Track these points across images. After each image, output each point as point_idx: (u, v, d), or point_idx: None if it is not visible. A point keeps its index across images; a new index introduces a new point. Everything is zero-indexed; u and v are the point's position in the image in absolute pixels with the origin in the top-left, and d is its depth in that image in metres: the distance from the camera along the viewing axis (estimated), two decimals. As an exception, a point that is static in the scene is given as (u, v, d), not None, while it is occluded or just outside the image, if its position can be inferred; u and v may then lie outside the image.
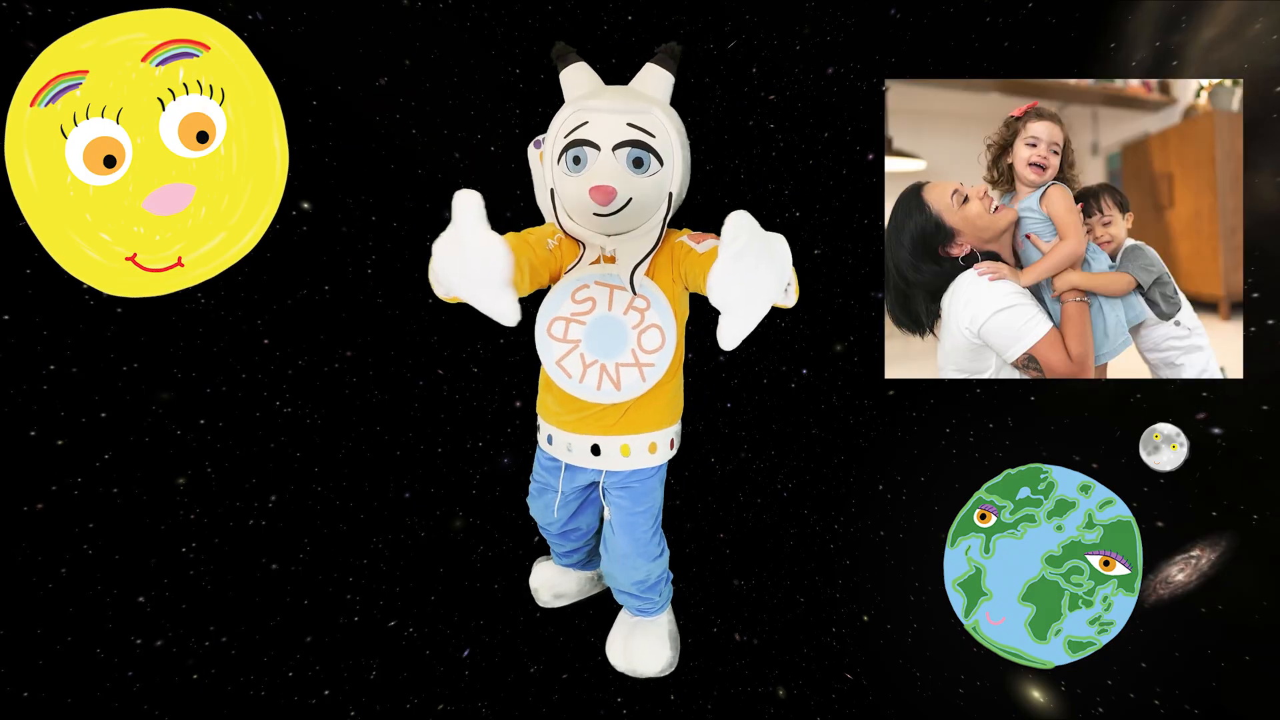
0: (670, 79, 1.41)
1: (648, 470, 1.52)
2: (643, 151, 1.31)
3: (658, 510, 1.59)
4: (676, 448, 1.57)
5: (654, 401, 1.47)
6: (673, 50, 1.41)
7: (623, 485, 1.53)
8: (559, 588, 1.86)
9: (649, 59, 1.41)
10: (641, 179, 1.32)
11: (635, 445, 1.48)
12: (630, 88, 1.40)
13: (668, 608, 1.74)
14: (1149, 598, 1.75)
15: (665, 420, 1.51)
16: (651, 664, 1.69)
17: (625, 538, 1.56)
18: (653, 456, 1.50)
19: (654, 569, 1.60)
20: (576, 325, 1.39)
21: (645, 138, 1.31)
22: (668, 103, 1.41)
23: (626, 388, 1.38)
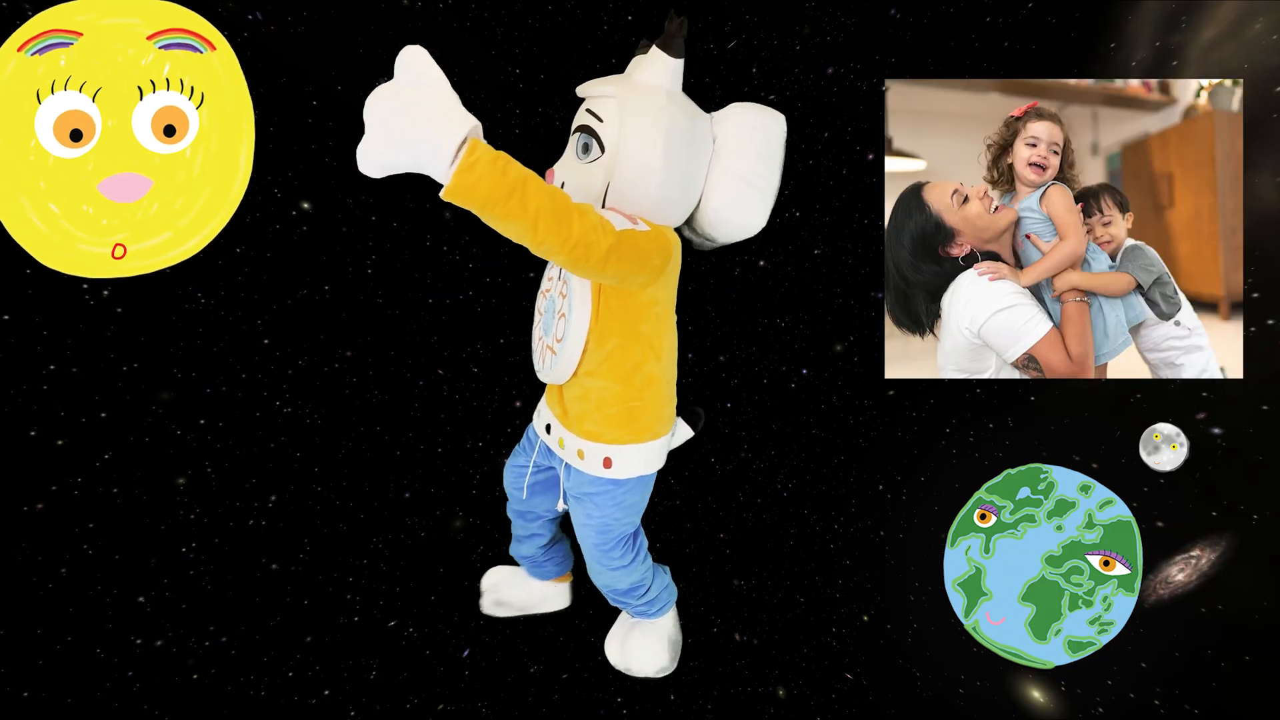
0: (669, 61, 1.31)
1: (599, 485, 1.43)
2: (588, 137, 1.29)
3: (616, 529, 1.48)
4: (641, 473, 1.43)
5: (604, 409, 1.37)
6: (670, 26, 1.30)
7: (574, 495, 1.47)
8: (503, 594, 1.80)
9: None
10: (580, 164, 1.30)
11: (590, 451, 1.40)
12: (627, 72, 1.36)
13: (669, 612, 1.70)
14: (1149, 598, 1.75)
15: (620, 435, 1.39)
16: (647, 665, 1.66)
17: (581, 542, 1.53)
18: (606, 471, 1.40)
19: (616, 579, 1.54)
20: (542, 298, 1.43)
21: (593, 123, 1.28)
22: (667, 87, 1.31)
23: (545, 368, 1.40)
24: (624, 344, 1.33)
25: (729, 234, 1.43)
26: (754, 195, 1.38)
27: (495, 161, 1.05)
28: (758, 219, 1.42)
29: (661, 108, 1.27)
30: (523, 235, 1.11)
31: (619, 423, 1.38)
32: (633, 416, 1.39)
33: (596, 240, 1.15)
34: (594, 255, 1.16)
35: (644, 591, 1.60)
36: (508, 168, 1.06)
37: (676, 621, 1.72)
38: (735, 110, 1.39)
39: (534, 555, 1.73)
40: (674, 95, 1.31)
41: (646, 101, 1.28)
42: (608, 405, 1.37)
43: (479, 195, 1.05)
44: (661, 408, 1.43)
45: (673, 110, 1.29)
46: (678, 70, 1.32)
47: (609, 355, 1.33)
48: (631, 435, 1.40)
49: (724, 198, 1.37)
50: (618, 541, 1.50)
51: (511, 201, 1.07)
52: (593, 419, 1.38)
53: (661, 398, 1.42)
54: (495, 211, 1.07)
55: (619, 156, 1.27)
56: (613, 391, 1.35)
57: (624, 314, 1.32)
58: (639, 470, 1.43)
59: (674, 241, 1.34)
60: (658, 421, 1.43)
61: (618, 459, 1.40)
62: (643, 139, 1.27)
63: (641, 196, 1.29)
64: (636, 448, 1.41)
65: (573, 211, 1.13)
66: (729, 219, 1.39)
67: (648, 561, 1.59)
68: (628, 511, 1.48)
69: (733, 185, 1.37)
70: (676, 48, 1.30)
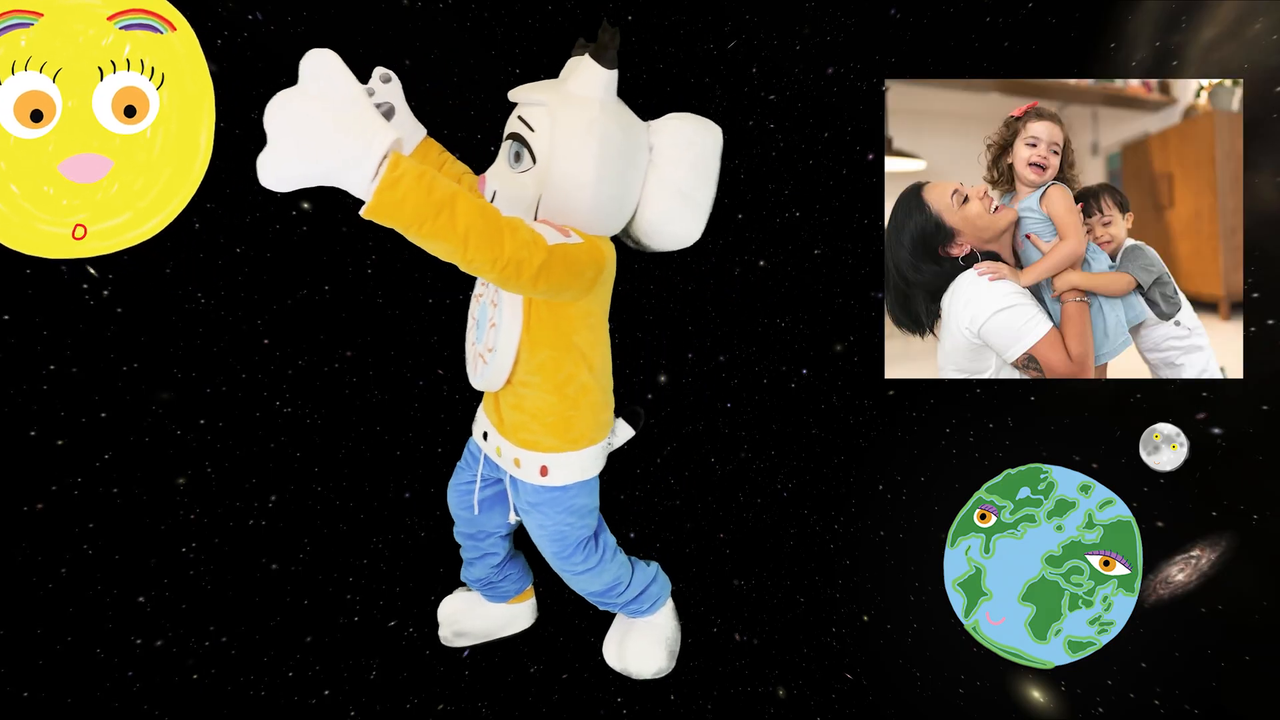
0: (603, 71, 1.26)
1: (546, 494, 1.41)
2: (520, 146, 1.27)
3: (571, 536, 1.47)
4: (579, 480, 1.42)
5: (539, 418, 1.36)
6: (603, 37, 1.25)
7: (523, 507, 1.47)
8: (462, 624, 1.76)
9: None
10: (512, 174, 1.29)
11: (526, 460, 1.39)
12: (563, 75, 1.33)
13: (664, 611, 1.68)
14: (1149, 598, 1.75)
15: (556, 444, 1.38)
16: (644, 666, 1.65)
17: (542, 550, 1.52)
18: (543, 479, 1.39)
19: (587, 582, 1.53)
20: (475, 304, 1.42)
21: (525, 131, 1.27)
22: (601, 99, 1.27)
23: (476, 376, 1.39)
24: (555, 355, 1.31)
25: (663, 244, 1.43)
26: (688, 207, 1.37)
27: (421, 178, 1.00)
28: (692, 231, 1.41)
29: (594, 120, 1.25)
30: (452, 254, 1.07)
31: (554, 431, 1.37)
32: (568, 425, 1.37)
33: (528, 257, 1.12)
34: (525, 273, 1.13)
35: (623, 589, 1.57)
36: (434, 184, 1.01)
37: (675, 620, 1.70)
38: (671, 121, 1.36)
39: (487, 577, 1.69)
40: (607, 106, 1.28)
41: (579, 114, 1.25)
42: (543, 414, 1.36)
43: (404, 214, 1.00)
44: (597, 415, 1.42)
45: (606, 123, 1.26)
46: (612, 80, 1.28)
47: (541, 365, 1.32)
48: (567, 443, 1.39)
49: (658, 209, 1.36)
50: (576, 546, 1.48)
51: (440, 220, 1.02)
52: (528, 428, 1.37)
53: (597, 405, 1.41)
54: (423, 231, 1.02)
55: (551, 168, 1.25)
56: (548, 401, 1.34)
57: (555, 324, 1.30)
58: (576, 477, 1.41)
59: (608, 253, 1.32)
60: (593, 429, 1.42)
61: (554, 467, 1.39)
62: (575, 153, 1.25)
63: (574, 209, 1.28)
64: (573, 455, 1.40)
65: (504, 229, 1.10)
66: (663, 230, 1.39)
67: (619, 559, 1.56)
68: (578, 515, 1.46)
69: (668, 197, 1.35)
70: (609, 59, 1.26)
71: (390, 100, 1.45)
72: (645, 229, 1.39)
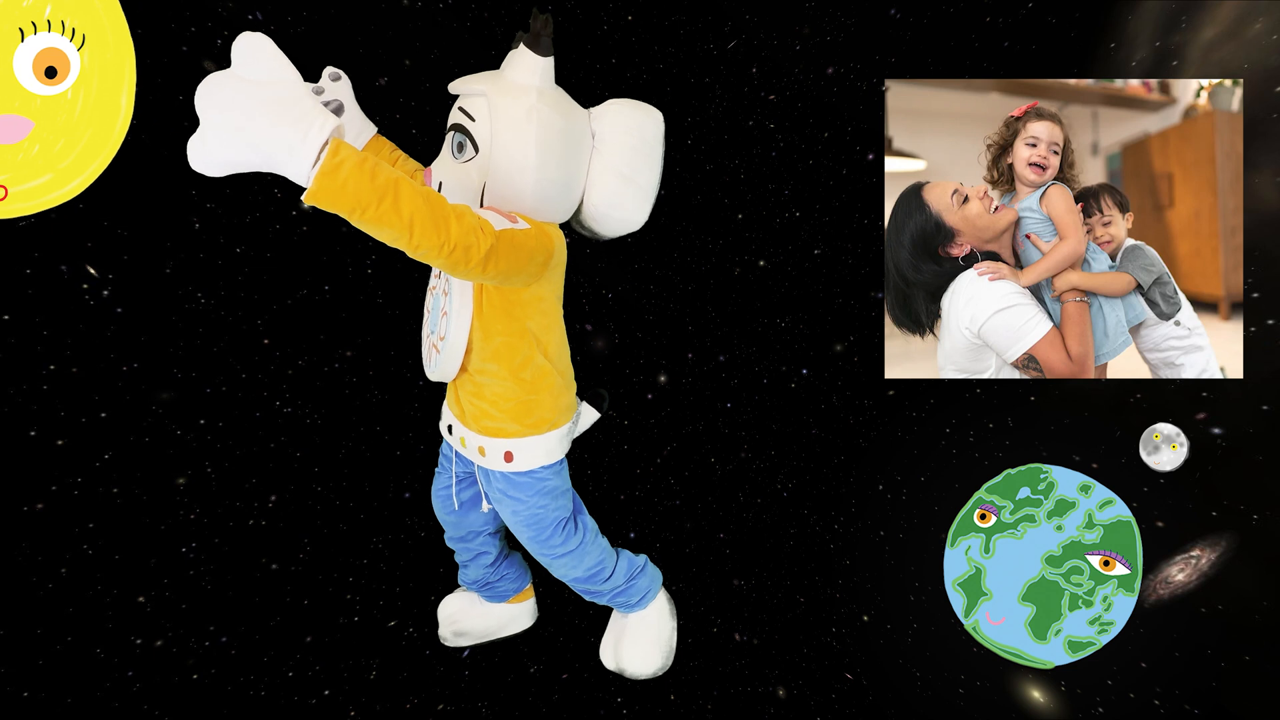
0: (538, 60, 1.28)
1: (515, 478, 1.43)
2: (462, 136, 1.28)
3: (547, 519, 1.48)
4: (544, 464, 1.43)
5: (499, 404, 1.37)
6: (535, 24, 1.27)
7: (495, 497, 1.48)
8: (462, 624, 1.77)
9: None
10: (456, 164, 1.29)
11: (490, 447, 1.41)
12: (499, 70, 1.34)
13: (657, 608, 1.67)
14: (1149, 598, 1.75)
15: (518, 429, 1.39)
16: (639, 666, 1.66)
17: (520, 538, 1.52)
18: (508, 465, 1.41)
19: (568, 567, 1.54)
20: (429, 295, 1.44)
21: (466, 121, 1.28)
22: (538, 86, 1.29)
23: (431, 366, 1.40)
24: (509, 341, 1.33)
25: (611, 229, 1.44)
26: (631, 190, 1.39)
27: (363, 164, 1.00)
28: (638, 214, 1.42)
29: (531, 107, 1.26)
30: (397, 240, 1.08)
31: (515, 416, 1.39)
32: (529, 409, 1.39)
33: (475, 243, 1.13)
34: (473, 258, 1.14)
35: (608, 575, 1.57)
36: (376, 170, 1.02)
37: (670, 619, 1.69)
38: (611, 106, 1.38)
39: (483, 577, 1.71)
40: (544, 94, 1.29)
41: (517, 100, 1.26)
42: (502, 400, 1.37)
43: (346, 199, 1.00)
44: (558, 398, 1.43)
45: (543, 109, 1.27)
46: (548, 68, 1.30)
47: (496, 352, 1.33)
48: (530, 427, 1.40)
49: (603, 194, 1.37)
50: (554, 529, 1.49)
51: (384, 205, 1.02)
52: (489, 415, 1.39)
53: (556, 389, 1.42)
54: (366, 216, 1.03)
55: (493, 155, 1.27)
56: (506, 387, 1.36)
57: (507, 310, 1.31)
58: (541, 461, 1.43)
59: (557, 238, 1.34)
60: (555, 412, 1.43)
61: (518, 452, 1.40)
62: (514, 138, 1.26)
63: (518, 194, 1.29)
64: (537, 439, 1.41)
65: (449, 214, 1.11)
66: (609, 214, 1.40)
67: (599, 542, 1.57)
68: (551, 497, 1.47)
69: (611, 181, 1.37)
70: (544, 46, 1.28)
71: (339, 98, 1.46)
72: (592, 214, 1.40)
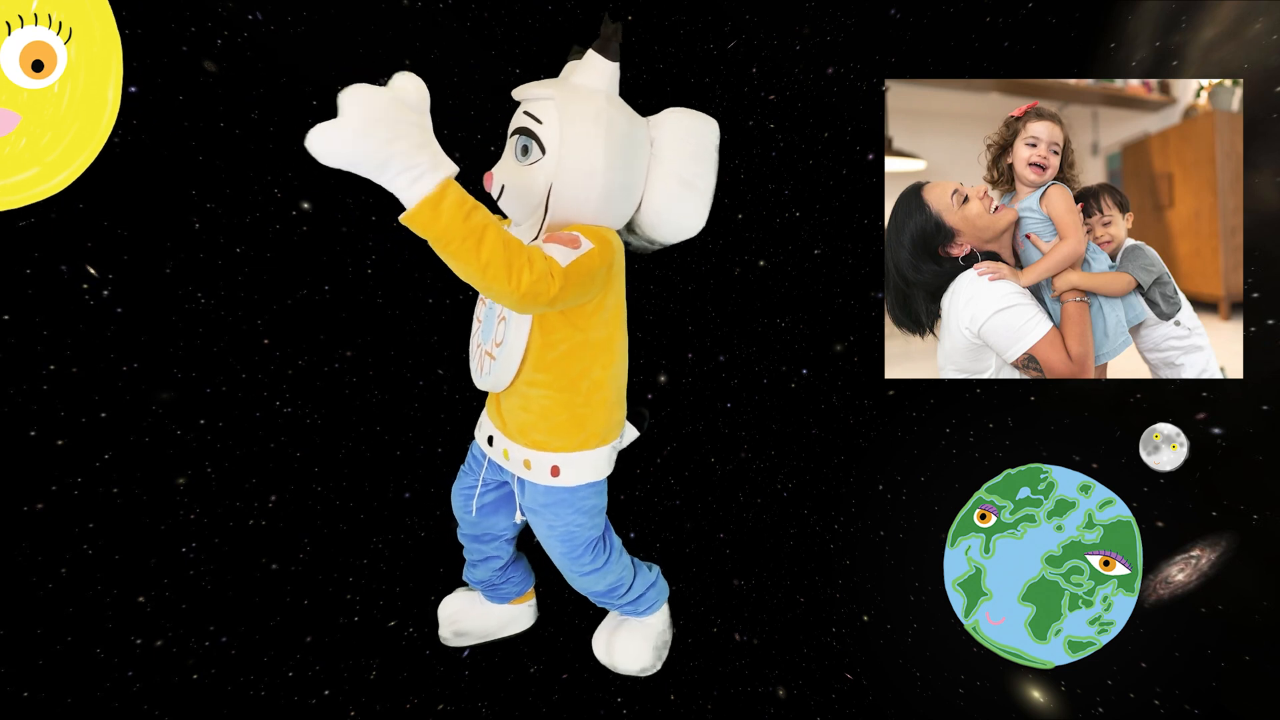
0: (606, 65, 1.30)
1: (556, 495, 1.41)
2: (528, 139, 1.28)
3: (581, 536, 1.47)
4: (591, 480, 1.42)
5: (549, 418, 1.36)
6: (606, 30, 1.29)
7: (531, 509, 1.46)
8: (462, 624, 1.76)
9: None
10: (521, 167, 1.29)
11: (536, 461, 1.38)
12: (563, 76, 1.35)
13: (660, 612, 1.69)
14: (1149, 598, 1.75)
15: (567, 443, 1.38)
16: (629, 663, 1.65)
17: (549, 553, 1.51)
18: (554, 480, 1.39)
19: (591, 583, 1.53)
20: (480, 305, 1.44)
21: (532, 124, 1.28)
22: (606, 91, 1.31)
23: (483, 375, 1.39)
24: (571, 350, 1.32)
25: (670, 235, 1.44)
26: (693, 195, 1.39)
27: (462, 204, 1.08)
28: (697, 219, 1.42)
29: (601, 109, 1.27)
30: (470, 277, 1.13)
31: (566, 431, 1.37)
32: (580, 424, 1.37)
33: (544, 290, 1.16)
34: (540, 303, 1.18)
35: (625, 590, 1.58)
36: (472, 213, 1.09)
37: (668, 622, 1.70)
38: (670, 115, 1.39)
39: (490, 579, 1.70)
40: (612, 99, 1.31)
41: (585, 104, 1.27)
42: (553, 414, 1.36)
43: (436, 229, 1.08)
44: (610, 413, 1.41)
45: (612, 113, 1.28)
46: (615, 73, 1.32)
47: (554, 362, 1.31)
48: (580, 442, 1.39)
49: (664, 199, 1.37)
50: (585, 547, 1.48)
51: (466, 244, 1.09)
52: (538, 429, 1.37)
53: (610, 403, 1.41)
54: (448, 249, 1.10)
55: (561, 158, 1.27)
56: (559, 400, 1.34)
57: (569, 320, 1.31)
58: (588, 477, 1.42)
59: (616, 244, 1.33)
60: (606, 428, 1.41)
61: (565, 467, 1.39)
62: (584, 141, 1.26)
63: (585, 198, 1.29)
64: (585, 455, 1.40)
65: (525, 264, 1.14)
66: (669, 219, 1.40)
67: (624, 559, 1.57)
68: (588, 516, 1.46)
69: (672, 186, 1.37)
70: (613, 51, 1.30)
71: None
72: (652, 220, 1.40)
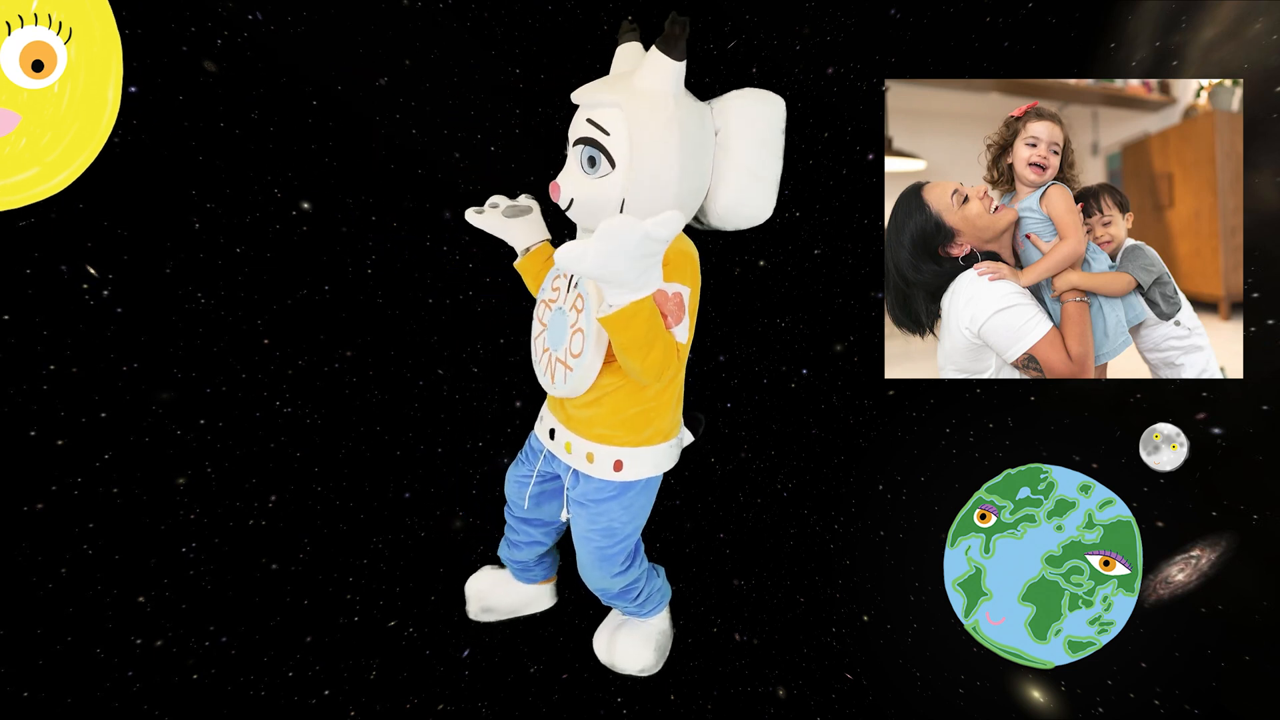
0: (670, 64, 1.21)
1: (607, 490, 1.42)
2: (595, 150, 1.23)
3: (621, 534, 1.47)
4: (651, 474, 1.44)
5: (618, 413, 1.36)
6: (673, 28, 1.19)
7: (579, 501, 1.46)
8: (489, 600, 1.78)
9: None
10: (588, 180, 1.25)
11: (600, 455, 1.39)
12: (624, 76, 1.29)
13: (662, 612, 1.70)
14: (1149, 598, 1.75)
15: (633, 438, 1.38)
16: (630, 662, 1.66)
17: (582, 548, 1.51)
18: (617, 474, 1.40)
19: (614, 583, 1.54)
20: (546, 310, 1.41)
21: (599, 135, 1.23)
22: (674, 93, 1.24)
23: (557, 383, 1.37)
24: None
25: (737, 225, 1.41)
26: (760, 186, 1.35)
27: (653, 316, 1.19)
28: (765, 209, 1.39)
29: (672, 117, 1.22)
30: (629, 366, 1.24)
31: (633, 426, 1.38)
32: (648, 420, 1.38)
33: (668, 365, 1.27)
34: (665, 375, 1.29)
35: (637, 594, 1.59)
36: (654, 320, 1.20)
37: (669, 622, 1.71)
38: (734, 99, 1.33)
39: (527, 561, 1.72)
40: (680, 100, 1.25)
41: (656, 112, 1.21)
42: (622, 409, 1.36)
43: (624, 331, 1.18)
44: (675, 410, 1.44)
45: (683, 118, 1.23)
46: (680, 72, 1.24)
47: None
48: (645, 438, 1.40)
49: (732, 191, 1.34)
50: (621, 544, 1.49)
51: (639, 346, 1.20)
52: (605, 423, 1.38)
53: (676, 400, 1.43)
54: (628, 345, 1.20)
55: (634, 171, 1.22)
56: (633, 397, 1.35)
57: None
58: (649, 471, 1.43)
59: (691, 249, 1.33)
60: (671, 424, 1.44)
61: (629, 461, 1.39)
62: (656, 151, 1.22)
63: (660, 208, 1.26)
64: (648, 450, 1.41)
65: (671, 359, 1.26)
66: (738, 211, 1.37)
67: (643, 564, 1.59)
68: (635, 515, 1.47)
69: (739, 178, 1.33)
70: (679, 50, 1.21)
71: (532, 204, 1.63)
72: (720, 212, 1.37)
